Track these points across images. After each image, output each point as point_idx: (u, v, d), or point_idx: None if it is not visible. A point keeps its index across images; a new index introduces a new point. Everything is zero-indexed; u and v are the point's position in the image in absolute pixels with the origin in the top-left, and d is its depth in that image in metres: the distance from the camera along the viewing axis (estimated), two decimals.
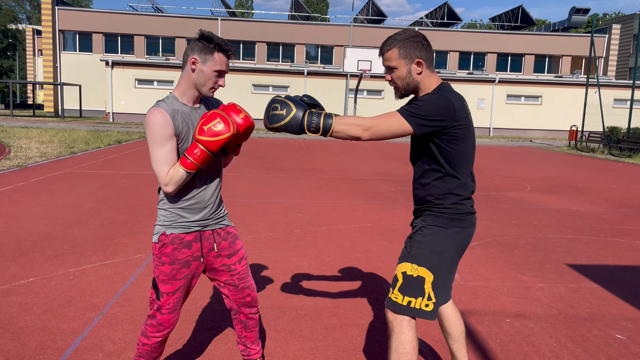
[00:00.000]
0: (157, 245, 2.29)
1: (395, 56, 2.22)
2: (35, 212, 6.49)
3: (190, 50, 2.20)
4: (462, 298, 4.03)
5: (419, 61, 2.22)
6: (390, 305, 2.27)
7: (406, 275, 2.24)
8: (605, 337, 3.41)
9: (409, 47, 2.21)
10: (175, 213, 2.28)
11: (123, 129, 23.88)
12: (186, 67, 2.22)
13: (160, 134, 2.14)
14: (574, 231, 6.52)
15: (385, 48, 2.26)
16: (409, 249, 2.29)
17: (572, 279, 4.59)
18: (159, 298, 2.32)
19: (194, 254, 2.33)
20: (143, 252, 4.94)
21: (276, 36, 36.42)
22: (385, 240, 5.77)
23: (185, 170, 2.16)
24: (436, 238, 2.25)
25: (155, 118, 2.14)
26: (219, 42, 2.19)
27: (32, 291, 3.85)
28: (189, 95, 2.25)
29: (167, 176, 2.17)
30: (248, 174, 10.78)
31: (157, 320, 2.34)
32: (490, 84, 31.50)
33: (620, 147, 20.57)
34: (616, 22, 41.07)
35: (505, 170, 13.35)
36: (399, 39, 2.23)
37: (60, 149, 13.92)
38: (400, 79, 2.25)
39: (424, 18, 43.92)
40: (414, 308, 2.22)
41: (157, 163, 2.17)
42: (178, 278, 2.31)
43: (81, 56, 35.58)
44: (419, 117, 2.12)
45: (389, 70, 2.28)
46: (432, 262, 2.24)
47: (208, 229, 2.37)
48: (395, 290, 2.26)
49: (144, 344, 2.37)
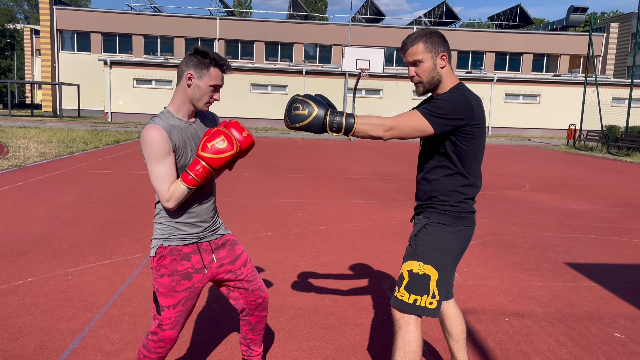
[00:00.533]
0: (155, 259, 2.26)
1: (421, 49, 2.25)
2: (34, 212, 6.48)
3: (186, 66, 2.19)
4: (460, 297, 4.03)
5: (444, 55, 2.26)
6: (396, 304, 2.27)
7: (412, 273, 2.26)
8: (604, 335, 3.42)
9: (434, 42, 2.25)
10: (172, 226, 2.27)
11: (121, 129, 23.86)
12: (181, 82, 2.20)
13: (158, 151, 2.12)
14: (573, 230, 6.53)
15: (410, 43, 2.27)
16: (414, 247, 2.30)
17: (571, 278, 4.60)
18: (160, 312, 2.28)
19: (194, 266, 2.30)
20: (141, 252, 4.94)
21: (275, 35, 36.40)
22: (383, 239, 5.77)
23: (186, 187, 2.14)
24: (441, 236, 2.27)
25: (152, 135, 2.12)
26: (214, 57, 2.18)
27: (31, 291, 3.84)
28: (184, 110, 2.24)
29: (168, 192, 2.16)
30: (246, 174, 10.78)
31: (159, 336, 2.29)
32: (489, 83, 31.52)
33: (619, 145, 20.60)
34: (614, 20, 41.12)
35: (504, 169, 13.37)
36: (423, 34, 2.27)
37: (59, 149, 13.91)
38: (426, 72, 2.26)
39: (422, 17, 43.93)
40: (420, 306, 2.23)
41: (156, 180, 2.15)
42: (178, 290, 2.27)
43: (79, 56, 35.53)
44: (439, 116, 2.14)
45: (413, 64, 2.28)
46: (437, 260, 2.26)
47: (204, 241, 2.35)
48: (401, 289, 2.27)
49: (145, 356, 2.34)
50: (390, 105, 31.26)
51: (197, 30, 35.90)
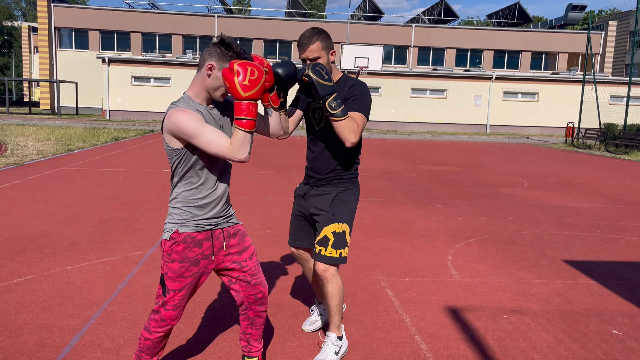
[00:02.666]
0: (169, 243, 2.30)
1: (319, 47, 2.69)
2: (32, 209, 6.48)
3: (209, 56, 2.23)
4: (459, 294, 4.05)
5: (333, 51, 2.78)
6: (326, 260, 2.76)
7: (335, 233, 2.79)
8: (602, 332, 3.43)
9: (327, 40, 2.74)
10: (188, 211, 2.31)
11: (120, 126, 23.82)
12: (202, 71, 2.25)
13: (196, 122, 2.14)
14: (571, 227, 6.55)
15: (309, 42, 2.68)
16: (332, 212, 2.81)
17: (569, 275, 4.62)
18: (165, 294, 2.35)
19: (204, 252, 2.36)
20: (141, 250, 4.94)
21: (273, 33, 36.36)
22: (382, 237, 5.78)
23: (246, 131, 2.12)
24: (349, 198, 2.87)
25: (181, 114, 2.15)
26: (238, 50, 2.22)
27: (30, 289, 3.84)
28: (202, 97, 2.29)
29: (231, 146, 2.13)
30: (246, 171, 10.78)
31: (161, 315, 2.37)
32: (487, 81, 31.52)
33: (617, 143, 20.63)
34: (612, 19, 41.13)
35: (502, 167, 13.38)
36: (318, 33, 2.71)
37: (57, 147, 13.89)
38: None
39: (421, 15, 43.90)
40: (343, 257, 2.79)
41: (212, 144, 2.13)
42: (186, 276, 2.34)
43: (77, 53, 35.46)
44: (369, 107, 2.74)
45: (313, 60, 2.69)
46: (349, 218, 2.85)
47: (218, 228, 2.40)
48: (329, 248, 2.76)
49: (145, 339, 2.40)
50: (389, 102, 31.26)
51: (195, 27, 35.84)
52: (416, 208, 7.50)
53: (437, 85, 31.51)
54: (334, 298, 2.81)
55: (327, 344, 2.89)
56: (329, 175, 2.84)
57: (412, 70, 32.01)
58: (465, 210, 7.47)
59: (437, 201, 8.12)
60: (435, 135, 27.53)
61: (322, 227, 2.80)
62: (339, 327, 2.92)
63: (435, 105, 31.67)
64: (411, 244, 5.53)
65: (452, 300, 3.92)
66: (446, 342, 3.22)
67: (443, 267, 4.73)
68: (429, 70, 32.46)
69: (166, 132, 2.22)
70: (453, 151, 18.09)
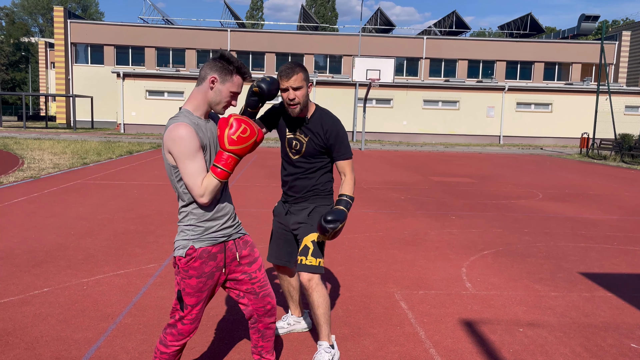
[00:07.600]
0: (184, 259, 2.31)
1: (301, 78, 2.84)
2: (49, 222, 6.56)
3: (210, 69, 2.28)
4: (474, 307, 4.01)
5: (311, 84, 2.95)
6: (308, 269, 2.89)
7: (315, 242, 2.94)
8: (620, 346, 3.38)
9: (307, 73, 2.90)
10: (202, 226, 2.33)
11: (134, 140, 24.08)
12: (204, 84, 2.29)
13: (190, 147, 2.19)
14: (587, 239, 6.47)
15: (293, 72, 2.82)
16: (311, 223, 2.99)
17: (586, 288, 4.56)
18: (183, 310, 2.36)
19: (217, 264, 2.38)
20: (155, 262, 4.97)
21: (285, 46, 36.66)
22: (396, 249, 5.76)
23: (218, 180, 2.23)
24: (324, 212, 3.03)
25: (182, 132, 2.18)
26: (238, 65, 2.29)
27: (46, 301, 3.88)
28: (201, 110, 2.33)
29: (201, 187, 2.22)
30: (258, 184, 10.82)
31: (178, 329, 2.38)
32: (500, 92, 31.42)
33: (632, 154, 20.39)
34: (626, 28, 40.86)
35: (516, 179, 13.28)
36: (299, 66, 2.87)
37: (73, 160, 14.07)
38: (303, 96, 2.86)
39: (432, 27, 44.00)
40: (321, 266, 2.92)
41: (189, 176, 2.21)
42: (203, 290, 2.36)
43: (93, 68, 36.03)
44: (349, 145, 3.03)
45: (295, 89, 2.84)
46: None
47: (230, 239, 2.43)
48: (309, 257, 2.90)
49: (162, 353, 2.40)
50: (401, 114, 31.27)
51: (208, 41, 36.26)
52: (429, 220, 7.46)
53: (449, 97, 31.47)
54: (320, 307, 2.91)
55: (320, 353, 2.95)
56: (307, 193, 3.06)
57: (424, 82, 32.02)
58: (479, 222, 7.42)
59: (450, 213, 8.07)
60: (447, 147, 27.44)
61: (302, 237, 2.97)
62: (328, 335, 2.99)
63: (447, 116, 31.61)
64: (425, 256, 5.50)
65: (467, 313, 3.89)
66: (461, 355, 3.19)
67: (457, 280, 4.69)
68: (441, 82, 32.45)
69: (167, 150, 2.24)
70: (466, 162, 18.01)
